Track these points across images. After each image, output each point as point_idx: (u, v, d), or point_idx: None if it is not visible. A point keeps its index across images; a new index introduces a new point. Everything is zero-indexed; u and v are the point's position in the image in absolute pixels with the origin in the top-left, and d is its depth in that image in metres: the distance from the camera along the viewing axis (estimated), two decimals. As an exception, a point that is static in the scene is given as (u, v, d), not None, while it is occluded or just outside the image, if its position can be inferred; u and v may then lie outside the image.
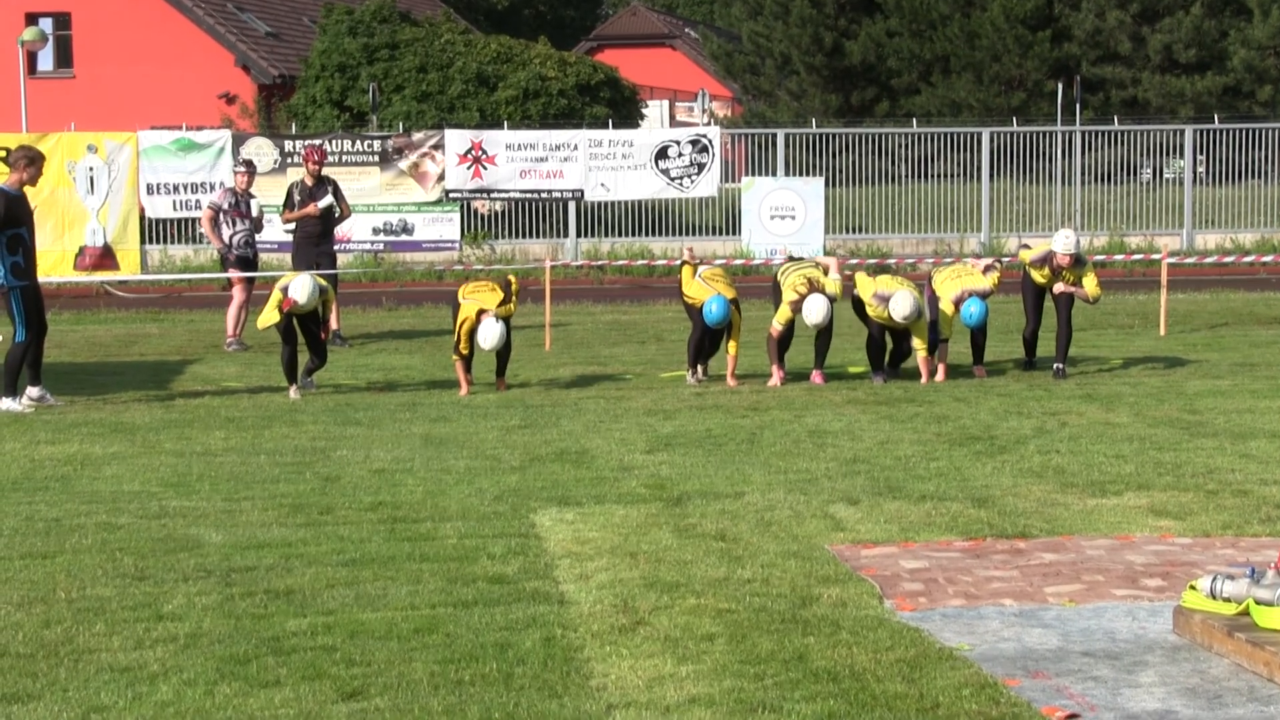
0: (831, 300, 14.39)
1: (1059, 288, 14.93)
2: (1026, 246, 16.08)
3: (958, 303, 14.66)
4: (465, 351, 14.28)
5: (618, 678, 6.31)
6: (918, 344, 14.46)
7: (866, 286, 14.52)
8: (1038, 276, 15.20)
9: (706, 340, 14.86)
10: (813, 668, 6.39)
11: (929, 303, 14.85)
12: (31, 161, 13.94)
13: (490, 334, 14.00)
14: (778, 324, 14.51)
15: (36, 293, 13.92)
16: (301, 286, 13.99)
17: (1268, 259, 25.33)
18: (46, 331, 14.16)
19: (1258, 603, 6.67)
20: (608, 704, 6.00)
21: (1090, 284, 15.02)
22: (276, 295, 14.14)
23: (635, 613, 7.20)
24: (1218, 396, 13.59)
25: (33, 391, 13.79)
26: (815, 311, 14.24)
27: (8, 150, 14.17)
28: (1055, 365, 14.98)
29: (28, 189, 14.14)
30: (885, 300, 14.13)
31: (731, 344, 14.62)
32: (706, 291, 14.49)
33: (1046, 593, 7.56)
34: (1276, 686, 6.19)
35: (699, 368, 15.02)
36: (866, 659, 6.50)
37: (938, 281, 15.10)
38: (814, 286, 14.39)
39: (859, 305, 14.76)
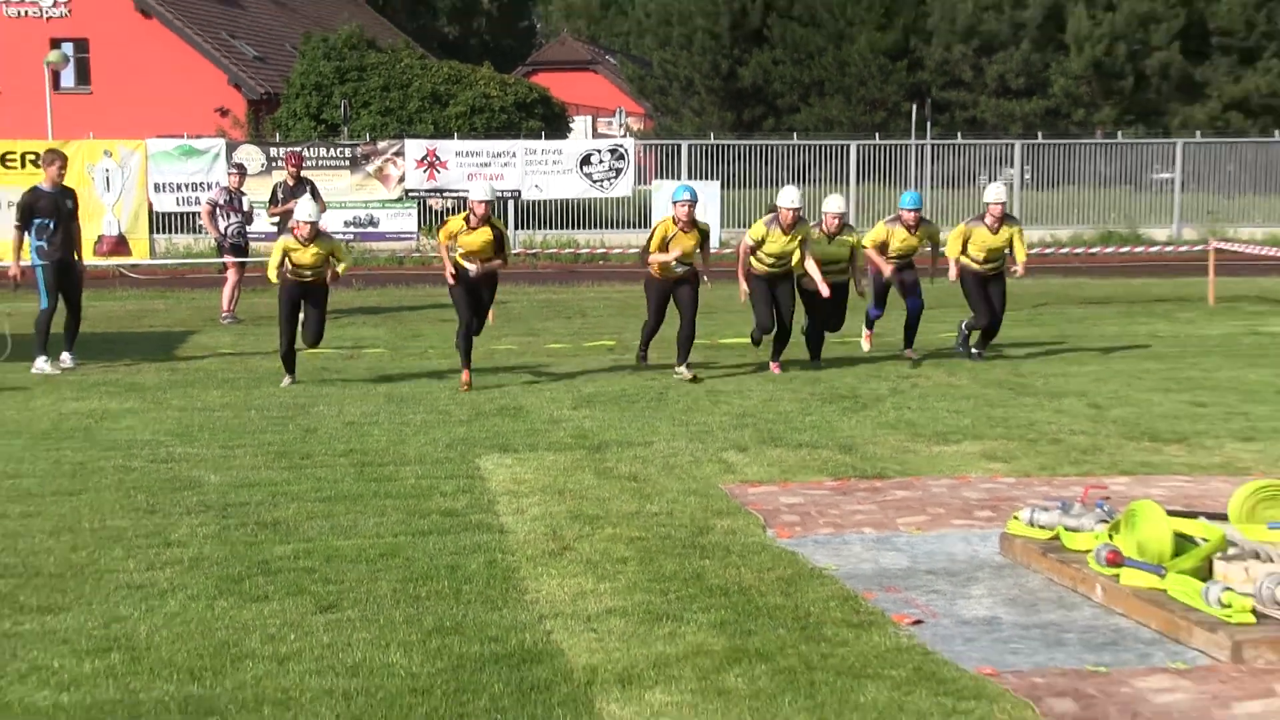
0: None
1: (1019, 272, 13.90)
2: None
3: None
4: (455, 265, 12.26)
5: (547, 593, 6.36)
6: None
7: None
8: (975, 264, 13.56)
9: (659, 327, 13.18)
10: (708, 585, 6.47)
11: (872, 277, 13.97)
12: (54, 159, 13.91)
13: (483, 185, 12.43)
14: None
15: (61, 270, 13.62)
16: (304, 207, 12.56)
17: (1079, 250, 25.69)
18: (80, 307, 13.99)
19: (1066, 530, 6.82)
20: (539, 614, 6.05)
21: (1020, 249, 13.75)
22: (282, 242, 12.57)
23: (562, 540, 7.26)
24: (1038, 362, 13.77)
25: (40, 361, 13.43)
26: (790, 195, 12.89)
27: (38, 154, 14.13)
28: (974, 351, 13.81)
29: (67, 185, 14.10)
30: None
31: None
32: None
33: (898, 523, 7.67)
34: (1079, 596, 6.33)
35: (646, 354, 13.42)
36: (752, 577, 6.58)
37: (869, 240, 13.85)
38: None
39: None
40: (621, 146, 29.61)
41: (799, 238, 12.89)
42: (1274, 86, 39.54)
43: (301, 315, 12.79)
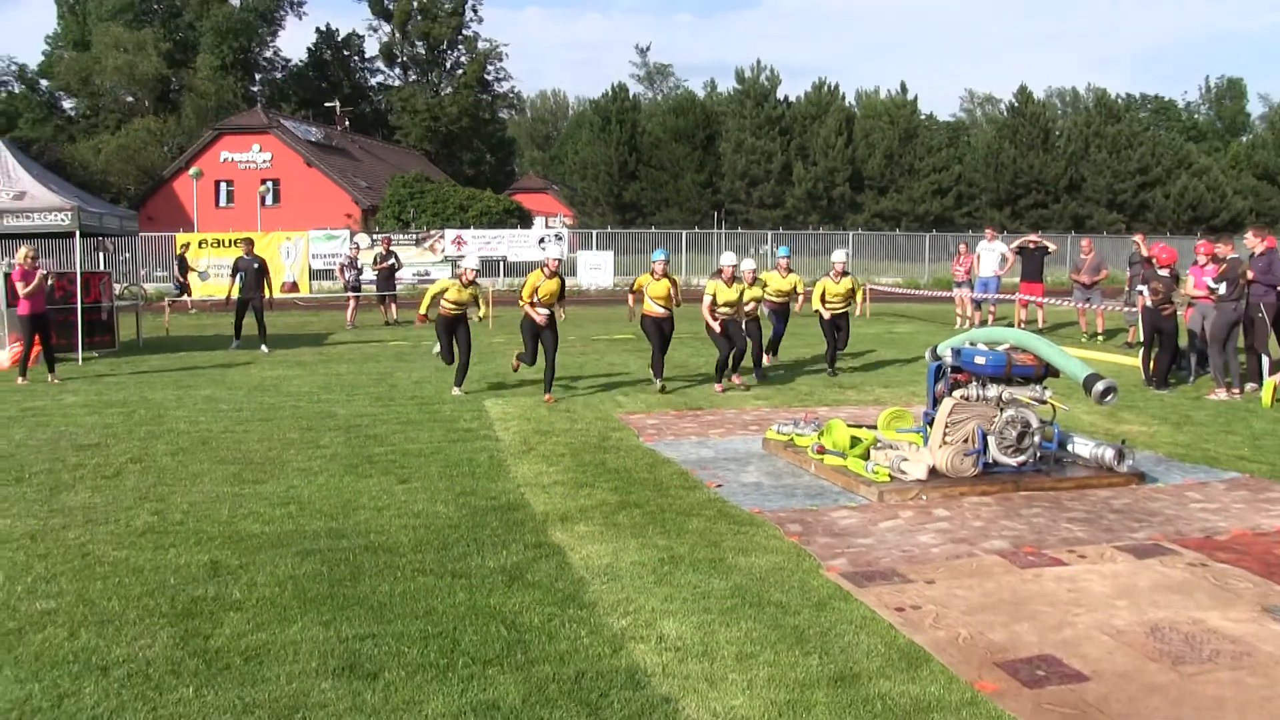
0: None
1: (858, 311, 10.62)
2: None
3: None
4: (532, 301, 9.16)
5: (521, 474, 6.30)
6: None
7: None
8: (825, 309, 10.90)
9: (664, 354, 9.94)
10: (609, 468, 6.46)
11: (772, 313, 11.16)
12: (246, 241, 14.31)
13: (556, 248, 9.43)
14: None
15: (246, 302, 13.71)
16: (470, 259, 9.52)
17: (800, 291, 25.82)
18: (263, 319, 13.87)
19: (797, 435, 6.91)
20: (518, 484, 6.00)
21: (858, 296, 10.57)
22: (444, 283, 9.34)
23: (529, 444, 7.20)
24: (783, 352, 13.03)
25: (234, 344, 13.65)
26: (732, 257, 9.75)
27: (242, 240, 14.61)
28: (830, 370, 10.90)
29: (258, 255, 14.22)
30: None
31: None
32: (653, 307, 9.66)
33: (710, 432, 7.70)
34: (803, 470, 6.42)
35: (663, 379, 9.91)
36: (631, 463, 6.59)
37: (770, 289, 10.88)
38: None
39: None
40: (561, 233, 29.55)
41: (742, 287, 9.88)
42: (896, 207, 41.12)
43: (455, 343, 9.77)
